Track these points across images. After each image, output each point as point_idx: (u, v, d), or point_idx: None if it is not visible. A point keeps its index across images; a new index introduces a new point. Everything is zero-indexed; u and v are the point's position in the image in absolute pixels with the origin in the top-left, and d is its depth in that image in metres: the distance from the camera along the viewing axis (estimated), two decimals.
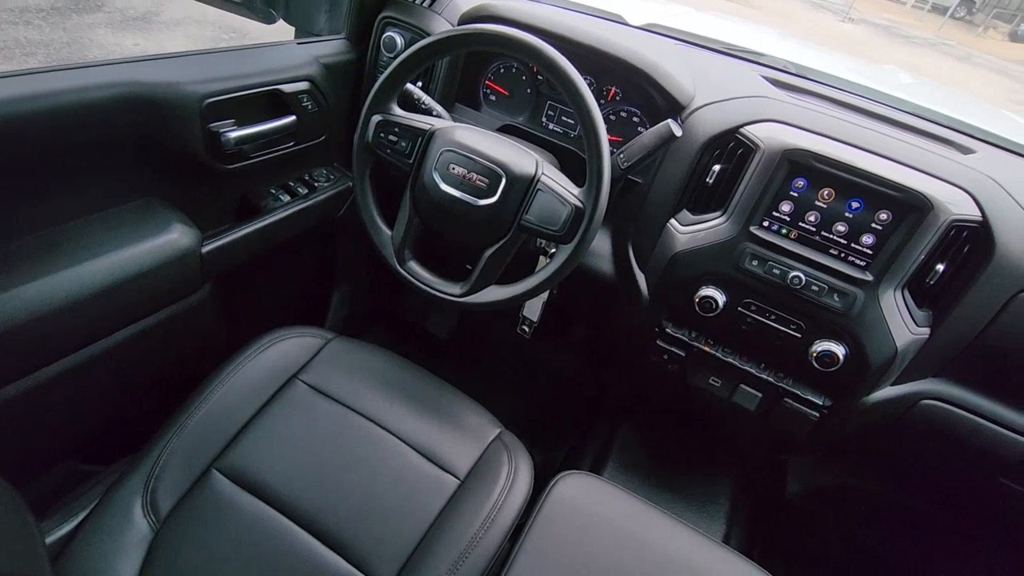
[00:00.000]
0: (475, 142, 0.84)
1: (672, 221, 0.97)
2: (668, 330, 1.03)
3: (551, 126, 1.14)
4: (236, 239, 0.99)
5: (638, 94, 1.04)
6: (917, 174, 0.83)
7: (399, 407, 0.92)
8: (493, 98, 1.17)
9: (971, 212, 0.81)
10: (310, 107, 1.03)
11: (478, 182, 0.83)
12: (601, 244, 1.11)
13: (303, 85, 1.01)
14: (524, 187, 0.82)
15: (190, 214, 0.93)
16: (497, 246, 0.85)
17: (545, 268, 0.84)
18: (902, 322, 0.87)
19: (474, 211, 0.83)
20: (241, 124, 0.93)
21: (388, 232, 0.92)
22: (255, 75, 0.94)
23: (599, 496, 0.87)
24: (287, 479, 0.82)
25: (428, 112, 0.99)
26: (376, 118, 0.87)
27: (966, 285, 0.84)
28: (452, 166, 0.84)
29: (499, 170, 0.82)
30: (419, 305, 1.77)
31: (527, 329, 1.14)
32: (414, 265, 0.91)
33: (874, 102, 1.06)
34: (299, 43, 1.05)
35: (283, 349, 0.97)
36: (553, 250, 1.00)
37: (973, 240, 0.83)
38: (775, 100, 0.95)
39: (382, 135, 0.87)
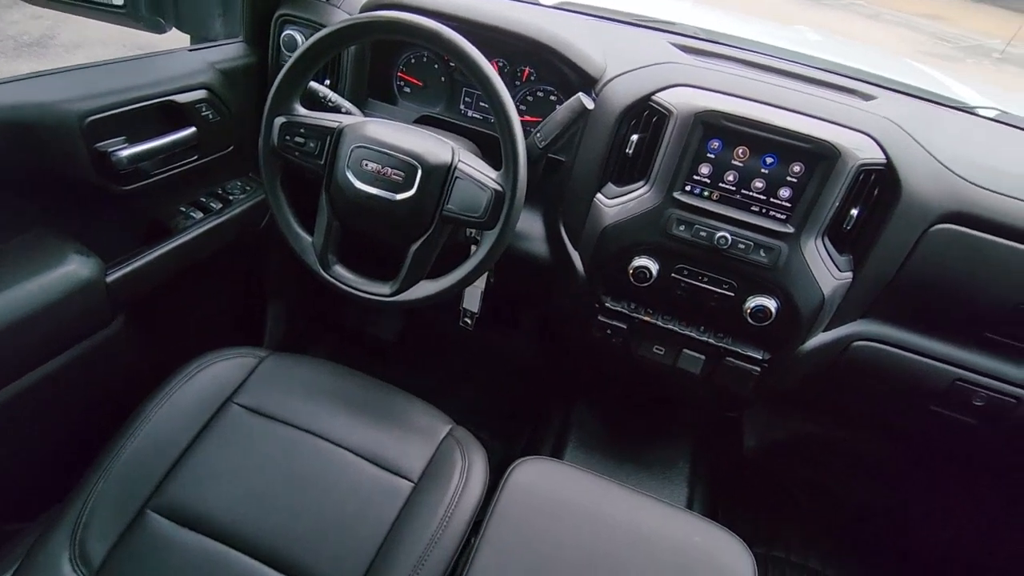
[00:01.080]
0: (387, 135, 0.82)
1: (598, 195, 0.97)
2: (608, 304, 1.03)
3: (470, 113, 1.12)
4: (147, 264, 0.93)
5: (551, 72, 1.03)
6: (823, 124, 0.86)
7: (344, 417, 0.89)
8: (408, 90, 1.14)
9: (876, 156, 0.84)
10: (211, 117, 0.98)
11: (393, 176, 0.80)
12: (533, 226, 1.10)
13: (200, 94, 0.95)
14: (442, 176, 0.80)
15: (91, 243, 0.87)
16: (422, 240, 0.83)
17: (473, 256, 0.82)
18: (826, 269, 0.89)
19: (393, 206, 0.81)
20: (133, 141, 0.87)
21: (308, 238, 0.88)
22: (143, 87, 0.88)
23: (556, 478, 0.87)
24: (230, 509, 0.78)
25: (337, 110, 0.95)
26: (279, 120, 0.83)
27: (880, 227, 0.87)
28: (365, 162, 0.81)
29: (414, 162, 0.80)
30: (362, 310, 1.73)
31: (469, 321, 1.12)
32: (340, 269, 0.88)
33: (782, 60, 1.09)
34: (191, 50, 1.00)
35: (214, 373, 0.92)
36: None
37: (881, 182, 0.86)
38: (684, 65, 0.95)
39: (287, 137, 0.83)
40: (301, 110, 0.85)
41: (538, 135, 0.89)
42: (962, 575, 1.34)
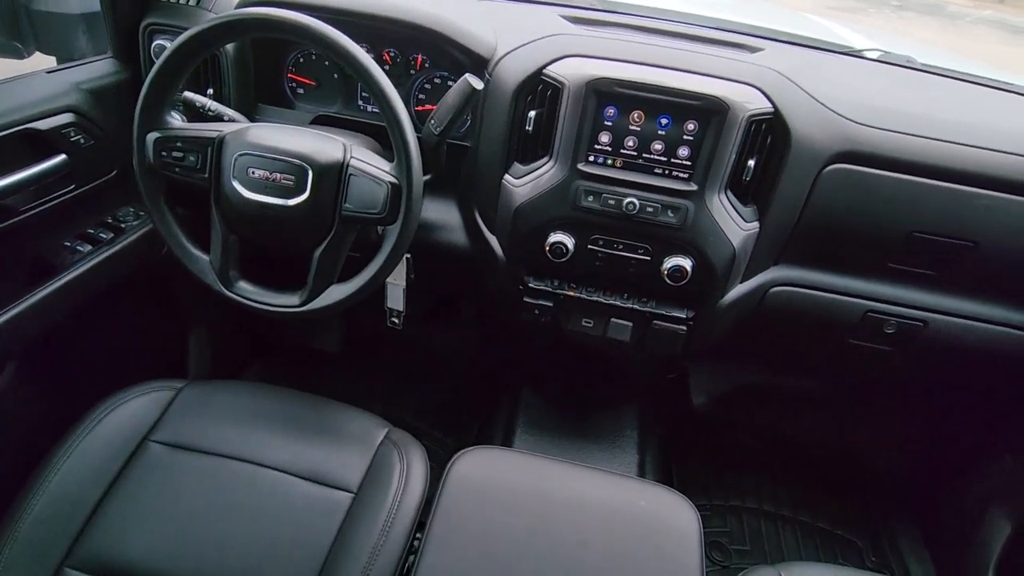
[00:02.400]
0: (271, 139, 0.78)
1: (506, 177, 0.96)
2: (531, 284, 1.02)
3: (369, 108, 1.08)
4: (33, 307, 0.86)
5: (444, 58, 1.01)
6: (711, 80, 0.87)
7: (273, 438, 0.86)
8: (301, 91, 1.10)
9: (763, 106, 0.86)
10: (83, 141, 0.91)
11: (283, 181, 0.77)
12: (450, 216, 1.08)
13: (65, 118, 0.88)
14: (335, 176, 0.77)
15: None
16: (325, 244, 0.80)
17: (379, 254, 0.80)
18: (733, 222, 0.91)
19: (288, 213, 0.77)
20: None
21: (204, 257, 0.83)
22: None
23: (497, 465, 0.86)
24: (158, 552, 0.74)
25: (219, 118, 0.90)
26: (152, 136, 0.78)
27: (777, 175, 0.89)
28: (251, 170, 0.77)
29: (303, 163, 0.76)
30: (300, 325, 1.67)
31: (397, 320, 1.10)
32: (244, 284, 0.84)
33: (672, 22, 1.09)
34: (50, 71, 0.92)
35: (126, 413, 0.87)
36: None
37: (772, 131, 0.88)
38: (574, 36, 0.95)
39: (164, 154, 0.78)
40: (176, 123, 0.80)
41: (432, 122, 0.86)
42: (906, 495, 1.42)
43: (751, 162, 0.88)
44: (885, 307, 0.99)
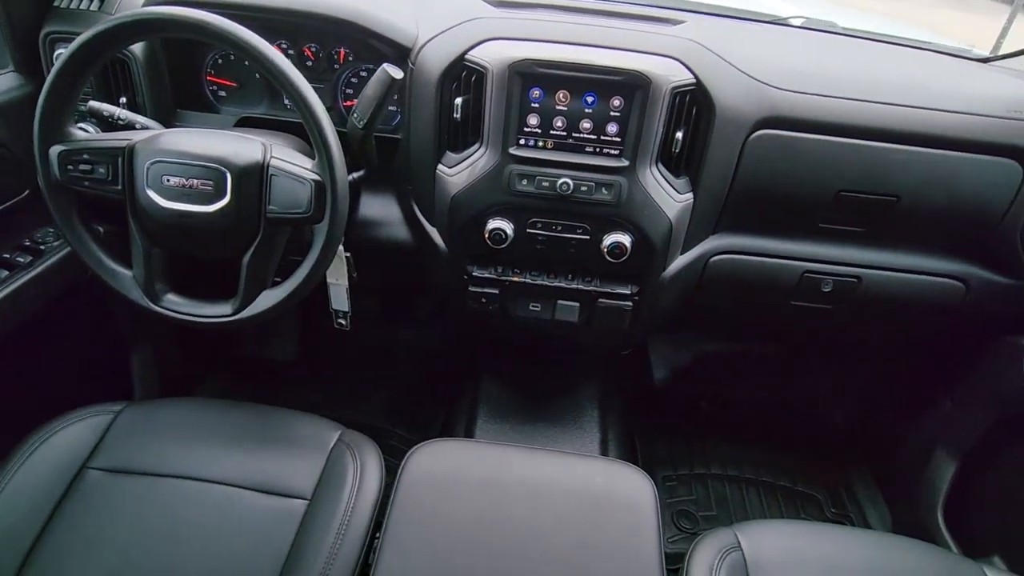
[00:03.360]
0: (185, 144, 0.75)
1: (440, 166, 0.95)
2: (475, 274, 1.02)
3: None
4: None
5: (367, 50, 0.99)
6: (633, 55, 0.87)
7: (221, 452, 0.84)
8: (223, 94, 1.06)
9: (686, 77, 0.86)
10: None
11: (201, 187, 0.74)
12: (390, 211, 1.07)
13: None
14: (256, 177, 0.75)
15: None
16: (253, 249, 0.78)
17: (309, 255, 0.78)
18: (667, 195, 0.92)
19: (209, 219, 0.75)
20: None
21: (127, 272, 0.80)
22: None
23: (451, 457, 0.86)
24: None
25: (131, 127, 0.86)
26: (56, 149, 0.74)
27: (705, 144, 0.90)
28: (166, 178, 0.74)
29: (220, 167, 0.74)
30: (253, 336, 1.63)
31: (343, 322, 1.08)
32: (172, 297, 0.81)
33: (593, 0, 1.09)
34: None
35: (61, 442, 0.83)
36: None
37: (696, 102, 0.89)
38: (495, 19, 0.94)
39: (71, 167, 0.74)
40: (81, 134, 0.76)
41: (355, 115, 0.85)
42: (860, 447, 1.48)
43: (679, 134, 0.89)
44: (821, 267, 1.01)
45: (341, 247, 0.99)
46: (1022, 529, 1.04)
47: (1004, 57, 1.08)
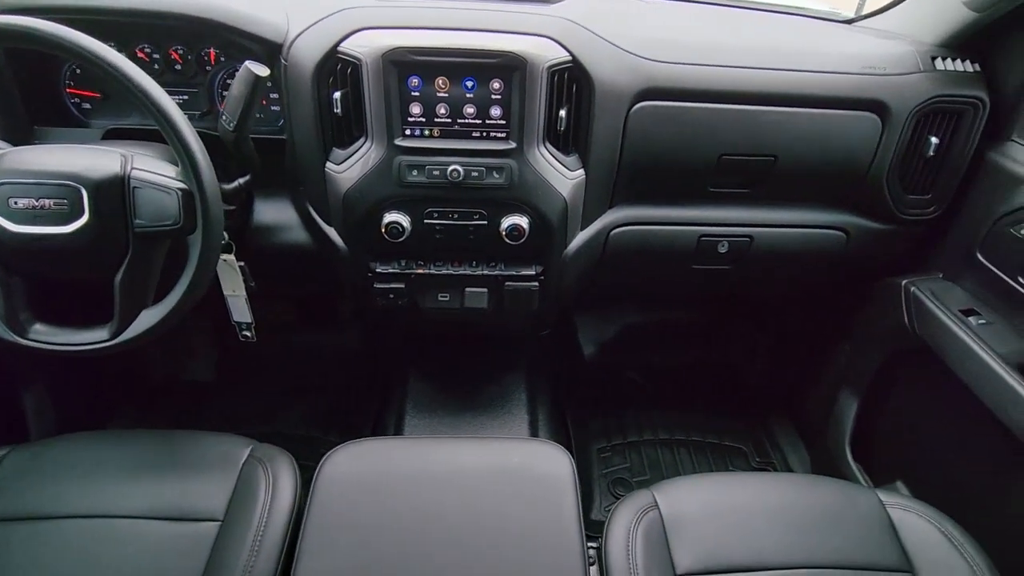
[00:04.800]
0: (31, 162, 0.70)
1: (328, 164, 0.92)
2: (379, 270, 1.00)
3: None
4: None
5: (236, 49, 0.94)
6: (507, 36, 0.87)
7: (123, 484, 0.80)
8: (88, 106, 0.99)
9: (561, 55, 0.87)
10: None
11: (55, 207, 0.69)
12: (286, 215, 1.03)
13: None
14: (117, 191, 0.71)
15: None
16: (124, 267, 0.73)
17: (187, 269, 0.74)
18: (558, 173, 0.93)
19: (69, 241, 0.70)
20: None
21: None
22: None
23: (368, 457, 0.85)
24: None
25: None
26: None
27: (589, 120, 0.92)
28: (13, 200, 0.68)
29: (73, 183, 0.69)
30: (168, 358, 1.55)
31: (248, 334, 1.04)
32: (39, 327, 0.76)
33: None
34: None
35: None
36: None
37: (575, 79, 0.90)
38: (365, 8, 0.91)
39: None
40: None
41: (224, 118, 0.81)
42: (777, 397, 1.56)
43: (562, 112, 0.90)
44: (715, 229, 1.05)
45: (233, 257, 0.95)
46: (918, 455, 1.13)
47: (863, 17, 1.15)
